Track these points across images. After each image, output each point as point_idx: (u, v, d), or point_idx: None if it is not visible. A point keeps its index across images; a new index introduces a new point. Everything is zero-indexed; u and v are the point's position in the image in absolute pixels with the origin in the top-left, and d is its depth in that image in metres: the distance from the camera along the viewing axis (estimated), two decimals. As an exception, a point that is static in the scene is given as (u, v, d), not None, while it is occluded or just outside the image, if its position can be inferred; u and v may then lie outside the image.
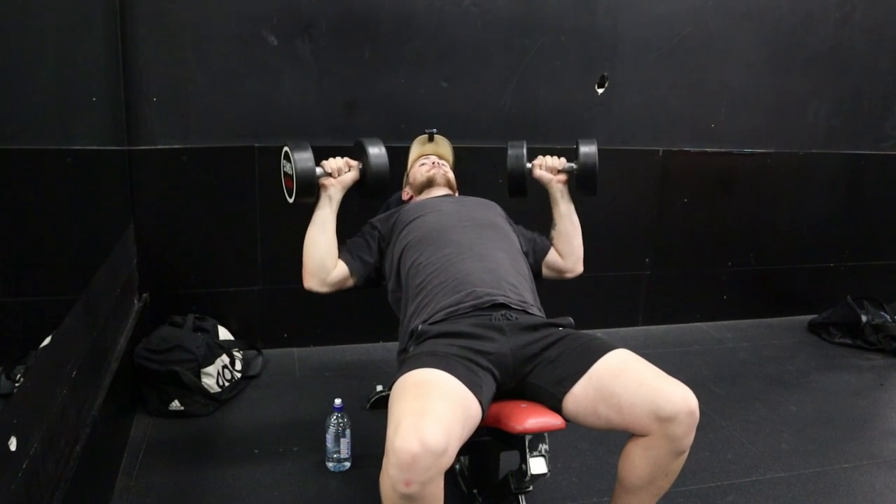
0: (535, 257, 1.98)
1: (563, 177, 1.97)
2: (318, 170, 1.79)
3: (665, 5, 2.83)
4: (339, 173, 1.83)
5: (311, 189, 1.78)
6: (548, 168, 1.98)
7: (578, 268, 2.01)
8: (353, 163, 1.86)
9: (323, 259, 1.80)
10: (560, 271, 2.00)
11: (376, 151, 1.83)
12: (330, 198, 1.82)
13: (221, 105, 2.48)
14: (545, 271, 2.00)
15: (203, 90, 2.45)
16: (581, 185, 1.94)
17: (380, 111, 2.63)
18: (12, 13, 2.17)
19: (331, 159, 1.84)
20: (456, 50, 2.65)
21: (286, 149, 1.81)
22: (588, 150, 1.91)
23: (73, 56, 2.26)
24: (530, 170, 1.99)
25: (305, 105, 2.54)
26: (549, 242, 2.01)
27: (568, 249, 1.99)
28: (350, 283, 1.85)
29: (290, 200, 1.83)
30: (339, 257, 1.84)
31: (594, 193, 1.94)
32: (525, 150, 1.99)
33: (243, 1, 2.42)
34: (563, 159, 1.99)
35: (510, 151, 1.99)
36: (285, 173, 1.85)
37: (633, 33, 2.82)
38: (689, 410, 1.28)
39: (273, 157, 2.54)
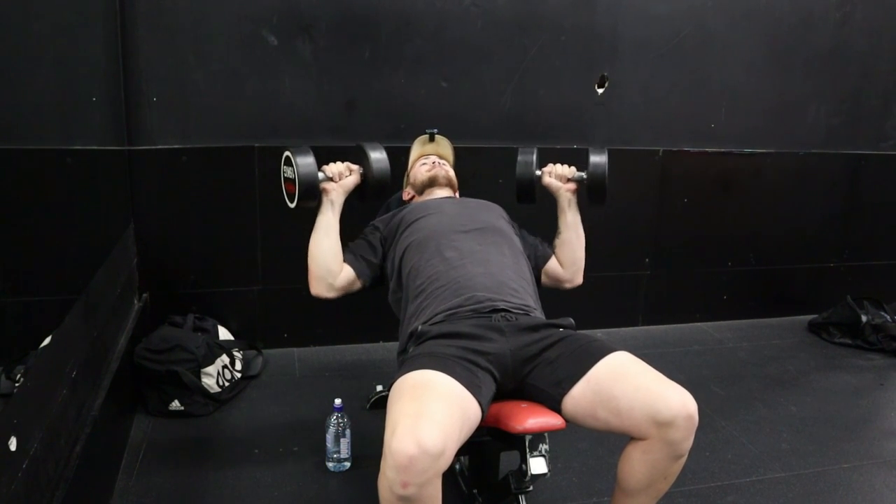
0: (535, 263, 1.96)
1: (572, 185, 1.96)
2: (320, 174, 1.79)
3: (665, 5, 2.83)
4: (341, 177, 1.82)
5: (313, 193, 1.77)
6: (557, 176, 1.96)
7: (578, 279, 1.99)
8: (354, 167, 1.85)
9: (329, 264, 1.78)
10: (559, 281, 1.99)
11: (377, 156, 1.83)
12: (332, 202, 1.81)
13: (221, 105, 2.48)
14: (544, 279, 1.99)
15: (203, 90, 2.45)
16: (591, 194, 1.92)
17: (380, 111, 2.63)
18: (12, 13, 2.17)
19: (332, 164, 1.83)
20: (456, 50, 2.65)
21: (287, 153, 1.80)
22: (598, 159, 1.89)
23: (73, 56, 2.26)
24: (539, 177, 1.98)
25: (305, 105, 2.54)
26: (551, 251, 1.99)
27: (570, 259, 1.97)
28: (357, 285, 1.84)
29: (292, 205, 1.82)
30: (345, 261, 1.82)
31: (603, 203, 1.93)
32: (535, 157, 1.97)
33: (243, 1, 2.42)
34: (573, 168, 1.97)
35: (520, 158, 1.97)
36: (286, 178, 1.84)
37: (633, 33, 2.82)
38: (687, 415, 1.28)
39: (273, 157, 2.56)
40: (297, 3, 2.46)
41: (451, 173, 2.12)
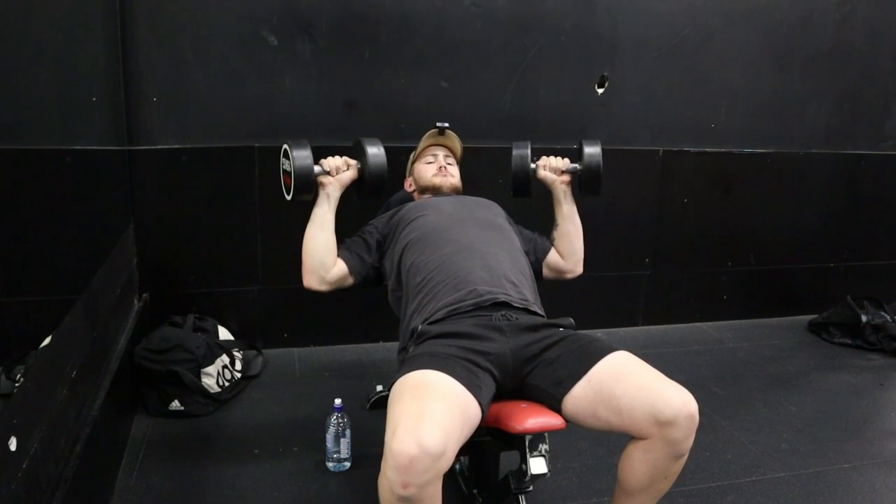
0: (535, 256, 1.98)
1: (566, 177, 1.99)
2: (317, 168, 1.80)
3: (665, 5, 2.83)
4: (338, 172, 1.84)
5: (309, 187, 1.78)
6: (552, 169, 1.99)
7: (578, 269, 2.03)
8: (352, 162, 1.87)
9: (322, 257, 1.80)
10: (560, 272, 2.02)
11: (375, 151, 1.84)
12: (328, 196, 1.83)
13: (221, 105, 2.48)
14: (545, 271, 2.01)
15: (203, 90, 2.45)
16: (585, 185, 1.95)
17: (380, 111, 2.63)
18: (12, 13, 2.17)
19: (329, 158, 1.84)
20: (456, 50, 2.65)
21: (285, 147, 1.82)
22: (592, 150, 1.92)
23: (73, 56, 2.26)
24: (534, 170, 2.00)
25: (305, 105, 2.54)
26: (550, 243, 2.02)
27: (569, 250, 2.00)
28: (349, 281, 1.85)
29: (288, 198, 1.84)
30: (339, 255, 1.84)
31: (598, 193, 1.96)
32: (530, 151, 2.00)
33: (243, 1, 2.42)
34: (566, 160, 2.00)
35: (515, 152, 2.00)
36: (284, 171, 1.86)
37: (633, 33, 2.82)
38: (688, 414, 1.28)
39: (273, 157, 2.56)
40: (297, 3, 2.46)
41: (457, 179, 2.10)
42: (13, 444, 1.15)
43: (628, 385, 1.34)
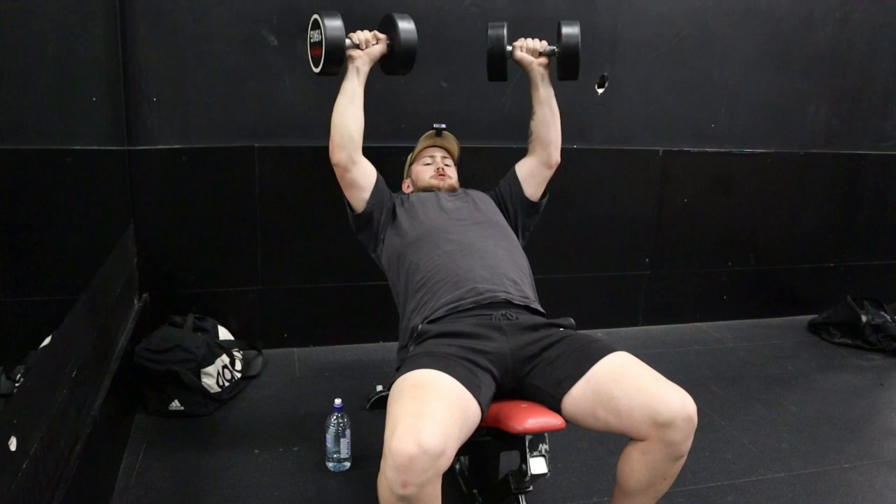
0: (513, 190, 2.01)
1: (544, 60, 1.97)
2: (346, 41, 1.79)
3: (665, 5, 2.83)
4: (367, 45, 1.84)
5: (339, 58, 1.77)
6: (529, 50, 1.97)
7: (555, 157, 2.01)
8: (382, 36, 1.86)
9: (350, 131, 1.79)
10: (539, 171, 2.02)
11: (406, 25, 1.82)
12: (357, 70, 1.83)
13: (221, 105, 2.48)
14: (531, 189, 2.02)
15: (203, 90, 2.45)
16: (563, 68, 1.91)
17: (380, 111, 2.62)
18: (12, 13, 2.17)
19: (358, 32, 1.84)
20: (456, 50, 2.65)
21: (315, 17, 1.80)
22: (570, 31, 1.87)
23: (73, 56, 2.26)
24: (511, 52, 1.97)
25: (305, 105, 2.54)
26: (528, 139, 2.03)
27: (545, 139, 1.99)
28: (364, 195, 1.85)
29: (316, 70, 1.83)
30: (376, 172, 1.87)
31: (576, 77, 1.91)
32: (506, 31, 1.95)
33: (243, 1, 2.42)
34: (544, 42, 1.97)
35: (490, 32, 1.95)
36: (312, 43, 1.84)
37: (633, 33, 2.82)
38: (686, 416, 1.28)
39: (273, 157, 2.57)
40: (297, 3, 2.46)
41: (454, 180, 2.11)
42: (13, 444, 1.15)
43: (627, 386, 1.34)
